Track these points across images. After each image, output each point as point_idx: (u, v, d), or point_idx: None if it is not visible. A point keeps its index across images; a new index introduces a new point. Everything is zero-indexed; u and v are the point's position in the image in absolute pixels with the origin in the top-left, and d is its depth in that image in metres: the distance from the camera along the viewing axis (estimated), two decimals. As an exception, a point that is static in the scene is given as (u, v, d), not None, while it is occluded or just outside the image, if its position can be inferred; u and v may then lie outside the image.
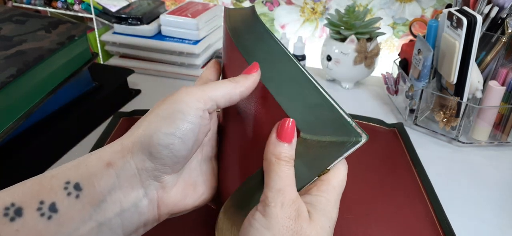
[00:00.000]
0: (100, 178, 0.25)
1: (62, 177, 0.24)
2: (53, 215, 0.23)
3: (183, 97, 0.27)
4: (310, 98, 0.29)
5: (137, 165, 0.26)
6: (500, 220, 0.45)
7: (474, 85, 0.55)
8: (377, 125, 0.60)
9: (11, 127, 0.44)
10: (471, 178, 0.52)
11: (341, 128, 0.29)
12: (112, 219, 0.25)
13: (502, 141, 0.58)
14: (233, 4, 0.94)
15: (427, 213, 0.43)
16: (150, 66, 0.75)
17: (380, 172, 0.49)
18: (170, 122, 0.26)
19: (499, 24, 0.56)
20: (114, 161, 0.25)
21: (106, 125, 0.58)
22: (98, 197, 0.24)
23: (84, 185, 0.24)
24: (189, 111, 0.26)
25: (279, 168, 0.26)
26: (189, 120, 0.26)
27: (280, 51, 0.32)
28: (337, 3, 0.89)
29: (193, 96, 0.27)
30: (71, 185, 0.24)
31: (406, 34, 0.89)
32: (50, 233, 0.23)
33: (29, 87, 0.47)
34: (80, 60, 0.56)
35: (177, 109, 0.26)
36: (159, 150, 0.26)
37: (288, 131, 0.27)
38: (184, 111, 0.26)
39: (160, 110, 0.27)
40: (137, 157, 0.26)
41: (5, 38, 0.49)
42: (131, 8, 0.77)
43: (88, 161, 0.25)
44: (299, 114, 0.28)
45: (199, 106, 0.27)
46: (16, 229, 0.22)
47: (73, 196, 0.24)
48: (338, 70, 0.70)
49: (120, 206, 0.25)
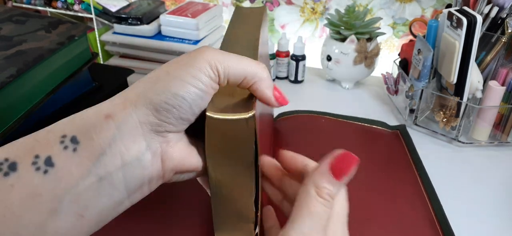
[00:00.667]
0: (99, 131, 0.23)
1: (58, 131, 0.23)
2: (50, 170, 0.22)
3: (198, 62, 0.25)
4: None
5: (139, 119, 0.24)
6: (500, 220, 0.45)
7: (474, 85, 0.55)
8: (379, 127, 0.60)
9: (11, 127, 0.44)
10: (471, 178, 0.52)
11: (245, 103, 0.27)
12: (113, 173, 0.24)
13: (502, 141, 0.58)
14: (233, 4, 0.94)
15: (429, 219, 0.43)
16: (150, 66, 0.75)
17: (381, 175, 0.49)
18: (182, 83, 0.25)
19: (499, 24, 0.56)
20: (115, 113, 0.24)
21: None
22: (97, 150, 0.23)
23: (81, 138, 0.23)
24: (201, 78, 0.25)
25: (315, 207, 0.24)
26: (200, 86, 0.25)
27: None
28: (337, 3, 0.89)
29: (207, 63, 0.25)
30: (67, 138, 0.23)
31: (406, 34, 0.89)
32: (47, 189, 0.21)
33: (29, 87, 0.47)
34: (80, 60, 0.56)
35: (190, 73, 0.25)
36: (166, 108, 0.24)
37: (345, 167, 0.24)
38: (197, 76, 0.25)
39: (172, 68, 0.25)
40: (140, 111, 0.24)
41: (5, 38, 0.49)
42: (131, 8, 0.77)
43: (86, 114, 0.24)
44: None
45: (212, 76, 0.26)
46: (11, 184, 0.21)
47: (70, 150, 0.22)
48: (338, 70, 0.70)
49: (121, 159, 0.24)
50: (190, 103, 0.25)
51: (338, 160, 0.25)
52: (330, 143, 0.55)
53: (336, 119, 0.60)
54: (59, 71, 0.52)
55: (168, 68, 0.25)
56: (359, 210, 0.43)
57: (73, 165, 0.22)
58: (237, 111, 0.26)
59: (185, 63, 0.25)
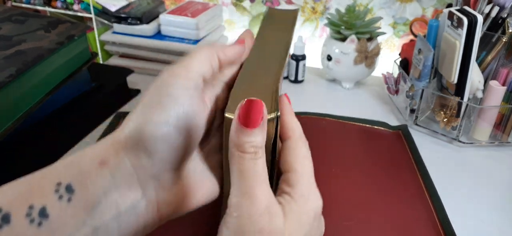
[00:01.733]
0: (94, 179, 0.22)
1: (53, 177, 0.22)
2: (44, 221, 0.21)
3: (167, 79, 0.24)
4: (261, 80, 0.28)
5: (132, 163, 0.23)
6: (501, 220, 0.45)
7: (475, 85, 0.55)
8: (381, 127, 0.59)
9: (11, 127, 0.44)
10: (471, 178, 0.52)
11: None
12: (109, 223, 0.23)
13: (503, 141, 0.58)
14: (233, 3, 0.94)
15: (431, 220, 0.42)
16: (149, 66, 0.75)
17: (382, 177, 0.49)
18: (160, 109, 0.23)
19: (500, 23, 0.55)
20: (108, 159, 0.23)
21: (107, 125, 0.57)
22: (93, 200, 0.22)
23: (77, 186, 0.22)
24: (178, 92, 0.24)
25: (243, 164, 0.22)
26: (181, 102, 0.24)
27: (280, 47, 0.32)
28: (338, 3, 0.89)
29: (177, 76, 0.25)
30: (62, 186, 0.22)
31: (407, 34, 0.89)
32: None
33: (29, 87, 0.47)
34: (80, 60, 0.56)
35: (164, 93, 0.24)
36: (153, 143, 0.23)
37: (253, 112, 0.22)
38: (172, 94, 0.24)
39: (147, 99, 0.24)
40: (131, 154, 0.23)
41: (5, 38, 0.49)
42: (131, 8, 0.77)
43: (80, 160, 0.23)
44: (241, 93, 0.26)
45: (186, 84, 0.24)
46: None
47: (65, 200, 0.22)
48: (338, 70, 0.70)
49: (117, 209, 0.23)
50: (176, 125, 0.23)
51: (243, 110, 0.22)
52: (332, 144, 0.55)
53: (337, 120, 0.60)
54: (59, 71, 0.52)
55: (144, 100, 0.24)
56: (360, 211, 0.43)
57: (68, 216, 0.22)
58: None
59: (159, 86, 0.24)
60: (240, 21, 0.95)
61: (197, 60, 0.26)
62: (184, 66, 0.25)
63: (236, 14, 0.94)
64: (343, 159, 0.52)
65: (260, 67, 0.30)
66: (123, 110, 0.63)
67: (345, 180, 0.47)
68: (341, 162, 0.50)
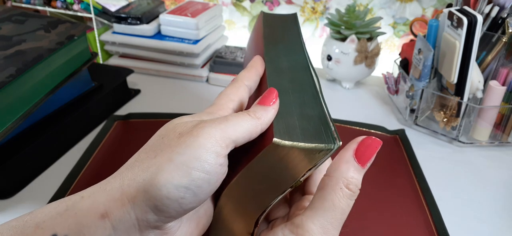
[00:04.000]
0: (93, 232, 0.21)
1: (48, 228, 0.21)
2: None
3: (202, 141, 0.22)
4: (307, 108, 0.26)
5: (137, 216, 0.22)
6: (501, 220, 0.45)
7: (475, 85, 0.55)
8: (378, 132, 0.59)
9: (11, 127, 0.44)
10: (471, 179, 0.52)
11: (319, 135, 0.24)
12: None
13: (503, 141, 0.58)
14: (233, 3, 0.94)
15: (427, 228, 0.42)
16: (149, 66, 0.75)
17: (379, 183, 0.48)
18: (184, 172, 0.21)
19: (500, 24, 0.55)
20: (111, 211, 0.21)
21: (100, 129, 0.57)
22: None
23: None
24: (208, 158, 0.22)
25: (341, 201, 0.22)
26: (207, 169, 0.22)
27: (302, 64, 0.30)
28: (338, 3, 0.89)
29: (213, 138, 0.22)
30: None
31: (407, 34, 0.89)
32: None
33: (29, 87, 0.47)
34: (80, 60, 0.56)
35: (194, 156, 0.21)
36: (166, 204, 0.21)
37: (370, 151, 0.23)
38: (202, 158, 0.22)
39: (174, 153, 0.22)
40: (139, 208, 0.21)
41: (4, 38, 0.49)
42: (131, 8, 0.77)
43: (79, 208, 0.21)
44: (285, 122, 0.24)
45: (220, 151, 0.22)
46: None
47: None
48: (338, 70, 0.70)
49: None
50: (195, 191, 0.22)
51: (363, 145, 0.23)
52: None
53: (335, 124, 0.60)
54: (59, 71, 0.52)
55: (170, 154, 0.22)
56: (355, 218, 0.42)
57: None
58: (312, 137, 0.22)
59: (191, 143, 0.22)
60: (240, 21, 0.95)
61: (239, 128, 0.23)
62: (222, 129, 0.23)
63: (236, 14, 0.94)
64: None
65: (291, 85, 0.27)
66: (120, 112, 0.63)
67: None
68: None
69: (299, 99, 0.27)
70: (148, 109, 0.63)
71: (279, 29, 0.36)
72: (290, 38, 0.34)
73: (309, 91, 0.27)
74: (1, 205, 0.45)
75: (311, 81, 0.28)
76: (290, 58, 0.31)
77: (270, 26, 0.36)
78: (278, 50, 0.32)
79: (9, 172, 0.46)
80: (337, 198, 0.22)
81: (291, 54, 0.32)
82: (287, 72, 0.30)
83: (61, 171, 0.49)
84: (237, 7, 0.94)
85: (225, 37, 0.84)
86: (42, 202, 0.45)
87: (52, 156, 0.52)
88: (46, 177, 0.49)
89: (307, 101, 0.26)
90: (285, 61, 0.31)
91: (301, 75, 0.29)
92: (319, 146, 0.22)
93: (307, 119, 0.25)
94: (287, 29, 0.36)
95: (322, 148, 0.22)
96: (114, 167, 0.24)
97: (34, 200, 0.45)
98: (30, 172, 0.49)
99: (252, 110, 0.25)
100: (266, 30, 0.35)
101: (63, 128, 0.53)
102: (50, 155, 0.51)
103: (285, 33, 0.35)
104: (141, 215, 0.22)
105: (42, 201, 0.45)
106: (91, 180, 0.47)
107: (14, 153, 0.46)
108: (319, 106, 0.26)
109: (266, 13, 0.38)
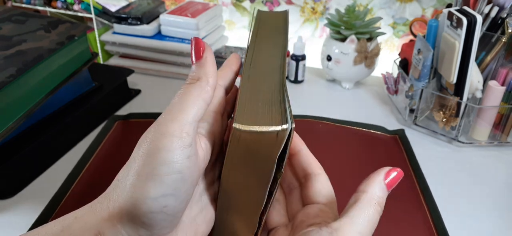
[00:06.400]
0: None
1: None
2: None
3: (159, 142, 0.21)
4: (268, 94, 0.27)
5: (130, 234, 0.22)
6: (500, 220, 0.45)
7: (474, 85, 0.55)
8: (378, 132, 0.59)
9: (11, 127, 0.44)
10: (470, 178, 0.52)
11: (276, 119, 0.24)
12: None
13: (502, 141, 0.58)
14: (233, 3, 0.94)
15: (427, 227, 0.42)
16: (150, 66, 0.75)
17: None
18: (157, 181, 0.21)
19: (499, 24, 0.56)
20: (104, 231, 0.21)
21: (101, 129, 0.57)
22: None
23: None
24: (174, 156, 0.21)
25: (374, 215, 0.25)
26: (177, 169, 0.21)
27: (277, 56, 0.32)
28: (337, 3, 0.89)
29: (171, 135, 0.21)
30: None
31: (406, 34, 0.89)
32: None
33: (29, 87, 0.47)
34: (80, 60, 0.56)
35: (160, 160, 0.21)
36: (152, 217, 0.21)
37: (394, 179, 0.27)
38: (168, 159, 0.21)
39: (139, 166, 0.21)
40: (128, 227, 0.21)
41: (5, 38, 0.49)
42: (131, 8, 0.77)
43: (74, 229, 0.21)
44: (247, 109, 0.24)
45: (184, 143, 0.21)
46: None
47: None
48: (338, 70, 0.70)
49: None
50: (174, 194, 0.21)
51: (395, 176, 0.27)
52: (328, 148, 0.54)
53: (334, 124, 0.60)
54: (59, 71, 0.52)
55: (137, 168, 0.21)
56: None
57: None
58: (268, 121, 0.23)
59: (153, 149, 0.21)
60: (240, 21, 0.95)
61: (189, 104, 0.23)
62: (176, 119, 0.22)
63: (236, 14, 0.95)
64: (339, 163, 0.51)
65: (261, 75, 0.29)
66: (121, 112, 0.63)
67: (340, 185, 0.47)
68: (337, 167, 0.50)
69: (265, 88, 0.28)
70: (148, 109, 0.63)
71: (268, 25, 0.37)
72: (274, 34, 0.35)
73: (275, 80, 0.29)
74: (1, 205, 0.45)
75: (280, 74, 0.29)
76: (268, 52, 0.33)
77: (261, 21, 0.38)
78: (261, 44, 0.34)
79: (9, 172, 0.46)
80: (372, 212, 0.25)
81: (271, 49, 0.33)
82: (262, 64, 0.31)
83: (61, 171, 0.49)
84: (237, 8, 0.94)
85: (225, 37, 0.84)
86: (42, 203, 0.45)
87: (53, 156, 0.52)
88: (46, 177, 0.49)
89: (272, 91, 0.27)
90: (264, 55, 0.32)
91: (273, 64, 0.31)
92: (276, 128, 0.23)
93: (268, 105, 0.25)
94: (275, 25, 0.37)
95: (279, 130, 0.23)
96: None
97: (34, 200, 0.45)
98: (30, 172, 0.49)
99: (190, 76, 0.24)
100: (256, 25, 0.37)
101: (63, 128, 0.53)
102: (50, 155, 0.52)
103: (273, 29, 0.36)
104: (133, 232, 0.22)
105: (42, 201, 0.45)
106: (92, 180, 0.47)
107: (14, 153, 0.46)
108: (281, 95, 0.27)
109: (260, 10, 0.39)
